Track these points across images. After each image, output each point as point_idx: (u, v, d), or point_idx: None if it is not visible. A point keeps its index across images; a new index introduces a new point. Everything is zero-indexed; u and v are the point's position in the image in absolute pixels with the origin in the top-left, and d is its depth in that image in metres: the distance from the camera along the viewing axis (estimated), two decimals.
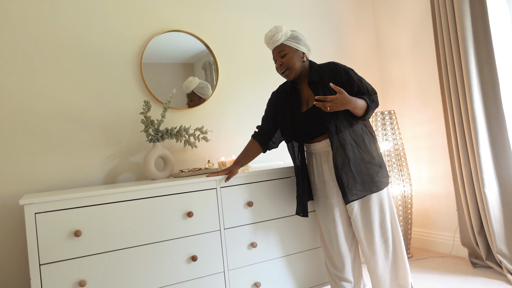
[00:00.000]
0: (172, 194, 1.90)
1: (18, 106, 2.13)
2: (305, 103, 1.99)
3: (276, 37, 1.91)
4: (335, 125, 1.87)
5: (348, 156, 1.86)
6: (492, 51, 2.45)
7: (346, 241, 2.01)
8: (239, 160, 2.09)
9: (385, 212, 1.94)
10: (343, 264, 2.01)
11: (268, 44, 1.97)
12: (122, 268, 1.77)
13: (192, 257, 1.90)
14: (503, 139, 2.47)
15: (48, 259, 1.64)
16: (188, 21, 2.62)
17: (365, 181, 1.88)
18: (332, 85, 1.77)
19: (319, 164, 1.99)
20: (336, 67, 1.93)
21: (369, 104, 1.85)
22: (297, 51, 1.94)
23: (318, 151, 1.98)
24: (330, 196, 1.98)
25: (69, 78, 2.26)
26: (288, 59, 1.92)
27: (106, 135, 2.33)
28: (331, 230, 2.01)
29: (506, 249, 2.45)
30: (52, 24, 2.23)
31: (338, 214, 1.98)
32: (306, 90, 1.99)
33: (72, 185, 2.22)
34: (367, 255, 1.96)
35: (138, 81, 2.44)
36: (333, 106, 1.76)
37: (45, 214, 1.65)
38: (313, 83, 1.94)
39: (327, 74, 1.93)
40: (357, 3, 3.37)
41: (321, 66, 1.98)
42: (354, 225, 1.96)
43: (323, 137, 1.94)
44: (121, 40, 2.41)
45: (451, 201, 2.93)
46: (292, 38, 1.94)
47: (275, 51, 1.96)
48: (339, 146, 1.87)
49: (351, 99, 1.79)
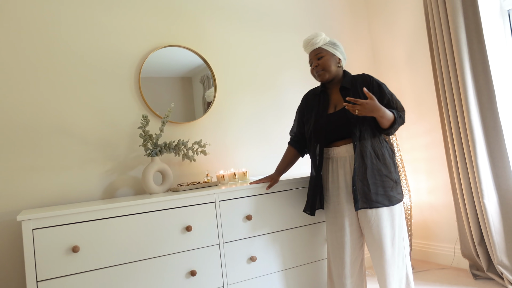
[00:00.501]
0: (170, 208, 1.89)
1: (16, 121, 2.14)
2: (332, 106, 2.03)
3: (315, 40, 2.00)
4: (359, 130, 1.90)
5: (365, 164, 1.88)
6: (487, 63, 2.48)
7: (352, 252, 1.97)
8: (279, 167, 2.19)
9: (395, 228, 1.91)
10: (346, 275, 1.98)
11: (307, 46, 2.05)
12: (121, 283, 1.75)
13: (191, 271, 1.88)
14: (501, 149, 2.48)
15: (46, 276, 1.62)
16: (186, 36, 2.65)
17: (378, 193, 1.88)
18: (365, 90, 1.78)
19: (335, 169, 1.99)
20: (370, 78, 1.99)
21: (396, 118, 1.87)
22: (334, 55, 2.02)
23: (336, 156, 1.98)
24: (342, 202, 1.96)
25: (67, 92, 2.27)
26: (325, 61, 1.99)
27: (104, 150, 2.33)
28: (338, 238, 1.98)
29: (507, 260, 2.44)
30: (51, 39, 2.25)
31: (348, 223, 1.96)
32: (336, 95, 2.03)
33: (70, 200, 2.21)
34: (377, 268, 1.93)
35: (136, 95, 2.45)
36: (362, 111, 1.77)
37: (43, 230, 1.63)
38: (345, 89, 1.99)
39: (360, 83, 1.98)
40: (352, 16, 3.41)
41: (355, 76, 2.04)
42: (366, 238, 1.95)
43: (344, 142, 1.96)
44: (120, 54, 2.43)
45: (451, 212, 2.93)
46: (330, 43, 2.02)
47: (313, 53, 2.04)
48: (359, 153, 1.89)
49: (381, 108, 1.81)
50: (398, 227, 1.92)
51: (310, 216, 2.22)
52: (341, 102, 1.98)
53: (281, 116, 2.94)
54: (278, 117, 2.94)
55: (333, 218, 2.01)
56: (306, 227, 2.22)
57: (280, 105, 2.96)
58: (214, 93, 2.69)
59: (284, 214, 2.16)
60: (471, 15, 2.53)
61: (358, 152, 1.89)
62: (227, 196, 2.02)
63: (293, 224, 2.18)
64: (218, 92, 2.71)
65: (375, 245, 1.91)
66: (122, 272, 1.75)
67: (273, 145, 2.88)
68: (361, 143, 1.89)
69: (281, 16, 3.04)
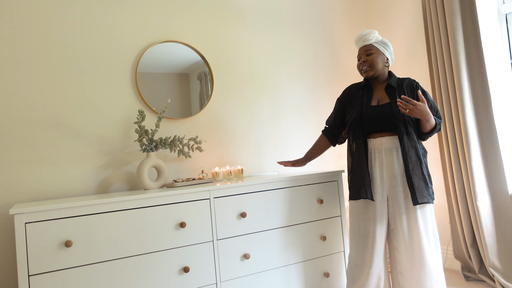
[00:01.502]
0: (165, 204, 1.89)
1: (9, 114, 2.12)
2: (376, 100, 2.07)
3: (368, 37, 2.06)
4: (405, 126, 1.95)
5: (419, 159, 1.94)
6: (483, 66, 2.49)
7: (378, 243, 1.99)
8: (308, 153, 2.32)
9: (428, 224, 1.96)
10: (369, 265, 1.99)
11: (358, 41, 2.10)
12: (114, 279, 1.74)
13: (184, 268, 1.88)
14: (495, 152, 2.50)
15: (38, 270, 1.61)
16: (184, 31, 2.64)
17: (428, 187, 1.95)
18: (420, 94, 1.85)
19: (373, 160, 2.01)
20: (416, 83, 2.06)
21: (437, 125, 1.95)
22: (383, 54, 2.08)
23: (379, 146, 2.01)
24: (376, 193, 1.99)
25: (62, 86, 2.25)
26: (373, 58, 2.05)
27: (99, 145, 2.31)
28: (366, 228, 2.00)
29: (498, 262, 2.46)
30: (46, 32, 2.23)
31: (379, 214, 1.99)
32: (380, 91, 2.08)
33: (64, 194, 2.20)
34: (411, 265, 1.95)
35: (133, 90, 2.44)
36: (413, 111, 1.83)
37: (36, 224, 1.62)
38: (391, 88, 2.04)
39: (407, 85, 2.05)
40: (350, 16, 3.41)
41: (401, 78, 2.11)
42: (400, 233, 1.96)
43: (388, 133, 2.00)
44: (116, 49, 2.41)
45: (444, 214, 2.94)
46: (382, 42, 2.08)
47: (363, 49, 2.09)
48: (410, 147, 1.94)
49: (429, 112, 1.88)
50: (431, 227, 1.97)
51: (304, 215, 2.23)
52: (385, 98, 2.04)
53: (278, 113, 2.94)
54: (275, 115, 2.93)
55: (363, 209, 2.03)
56: (300, 225, 2.22)
57: (277, 103, 2.95)
58: (211, 90, 2.68)
59: (278, 212, 2.16)
60: (469, 18, 2.53)
61: (408, 146, 1.94)
62: (221, 193, 2.02)
63: (287, 222, 2.18)
64: (215, 89, 2.70)
65: (410, 244, 1.94)
66: (115, 267, 1.75)
67: (270, 143, 2.88)
68: (409, 137, 1.95)
69: (279, 14, 3.04)
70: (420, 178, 1.93)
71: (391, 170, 1.97)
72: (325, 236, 2.27)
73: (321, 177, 2.31)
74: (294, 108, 3.02)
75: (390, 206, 1.99)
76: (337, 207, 2.35)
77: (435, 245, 1.97)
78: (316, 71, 3.16)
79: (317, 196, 2.29)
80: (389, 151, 1.98)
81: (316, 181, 2.30)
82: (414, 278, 1.94)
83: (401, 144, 1.94)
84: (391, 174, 1.97)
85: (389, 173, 1.97)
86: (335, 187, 2.36)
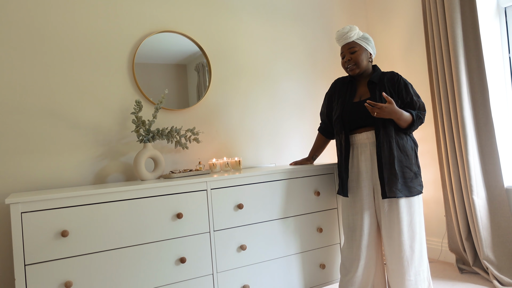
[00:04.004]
0: (162, 195, 1.88)
1: (5, 103, 2.10)
2: (358, 96, 2.10)
3: (349, 34, 2.05)
4: (383, 121, 1.96)
5: (393, 154, 1.94)
6: (482, 59, 2.49)
7: (368, 236, 2.02)
8: (311, 153, 2.42)
9: (413, 216, 1.96)
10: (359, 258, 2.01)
11: (340, 39, 2.09)
12: (110, 269, 1.74)
13: (181, 259, 1.89)
14: (491, 146, 2.51)
15: (34, 260, 1.61)
16: (181, 22, 2.61)
17: (401, 182, 1.94)
18: (384, 95, 1.89)
19: (355, 155, 2.06)
20: (398, 76, 2.06)
21: (414, 119, 1.96)
22: (366, 50, 2.08)
23: (358, 142, 2.05)
24: (361, 187, 2.03)
25: (59, 76, 2.23)
26: (357, 56, 2.05)
27: (96, 135, 2.30)
28: (355, 222, 2.04)
29: (492, 255, 2.48)
30: (42, 21, 2.21)
31: (367, 206, 2.02)
32: (363, 88, 2.10)
33: (60, 185, 2.19)
34: (388, 255, 1.98)
35: (130, 81, 2.42)
36: (380, 113, 1.89)
37: (32, 213, 1.62)
38: (373, 84, 2.05)
39: (388, 80, 2.05)
40: (350, 11, 3.39)
41: (384, 72, 2.11)
42: (380, 224, 2.01)
43: (366, 129, 2.03)
44: (114, 39, 2.39)
45: (440, 207, 2.96)
46: (363, 38, 2.07)
47: (346, 47, 2.08)
48: (385, 142, 1.95)
49: (398, 111, 1.90)
50: (416, 219, 1.96)
51: (301, 207, 2.23)
52: (367, 94, 2.06)
53: (276, 105, 2.93)
54: (273, 107, 2.93)
55: (351, 203, 2.07)
56: (297, 217, 2.23)
57: (275, 94, 2.95)
58: (208, 81, 2.67)
59: (275, 203, 2.17)
60: (468, 12, 2.53)
61: (383, 141, 1.95)
62: (219, 185, 2.02)
63: (284, 214, 2.19)
64: (213, 80, 2.69)
65: (390, 236, 1.96)
66: (111, 257, 1.75)
67: (267, 134, 2.88)
68: (386, 131, 1.96)
69: (278, 6, 3.01)
70: (392, 173, 1.93)
71: (375, 164, 2.00)
72: (322, 228, 2.28)
73: (318, 169, 2.32)
74: (292, 99, 3.01)
75: (375, 198, 2.02)
76: (334, 200, 2.36)
77: (419, 237, 1.97)
78: (314, 62, 3.15)
79: (314, 188, 2.29)
80: (372, 145, 2.01)
81: (313, 173, 2.30)
82: (395, 270, 1.98)
83: (377, 139, 1.97)
84: (375, 168, 2.00)
85: (374, 167, 2.01)
86: (332, 179, 2.36)
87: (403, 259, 1.95)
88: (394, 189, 1.92)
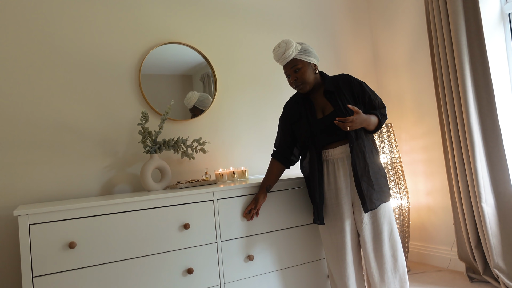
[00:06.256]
0: (168, 205, 1.89)
1: (14, 115, 2.13)
2: (319, 111, 1.99)
3: (287, 53, 1.89)
4: (355, 132, 1.90)
5: (367, 164, 1.88)
6: (487, 66, 2.48)
7: (353, 252, 1.98)
8: (263, 184, 2.06)
9: (392, 224, 1.96)
10: (349, 276, 1.98)
11: (279, 60, 1.94)
12: (117, 280, 1.74)
13: (188, 269, 1.88)
14: (499, 153, 2.49)
15: (42, 271, 1.62)
16: (187, 33, 2.64)
17: (377, 191, 1.90)
18: (350, 106, 1.81)
19: (331, 171, 1.97)
20: (351, 78, 1.99)
21: (380, 120, 1.94)
22: (309, 63, 1.95)
23: (333, 157, 1.96)
24: (342, 204, 1.94)
25: (66, 88, 2.26)
26: (303, 73, 1.92)
27: (103, 146, 2.32)
28: (339, 240, 1.96)
29: (503, 263, 2.44)
30: (51, 34, 2.24)
31: (348, 223, 1.95)
32: (320, 99, 2.00)
33: (68, 196, 2.20)
34: (373, 268, 1.94)
35: (136, 92, 2.44)
36: (353, 126, 1.80)
37: (40, 225, 1.63)
38: (329, 93, 1.96)
39: (343, 84, 1.97)
40: (354, 17, 3.41)
41: (334, 77, 2.02)
42: (363, 237, 1.94)
43: (340, 143, 1.95)
44: (120, 50, 2.42)
45: (448, 215, 2.93)
46: (303, 51, 1.92)
47: (288, 66, 1.94)
48: (359, 153, 1.89)
49: (366, 118, 1.87)
50: (392, 221, 1.98)
51: (307, 216, 2.22)
52: (328, 106, 1.96)
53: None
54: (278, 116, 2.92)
55: (332, 221, 1.99)
56: (304, 227, 2.21)
57: (280, 104, 2.93)
58: (214, 91, 2.68)
59: (282, 213, 2.16)
60: (472, 18, 2.53)
61: (357, 153, 1.89)
62: (225, 195, 2.02)
63: (291, 223, 2.17)
64: (218, 90, 2.70)
65: (374, 249, 1.93)
66: (118, 269, 1.75)
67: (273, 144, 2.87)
68: (359, 143, 1.91)
69: (282, 15, 3.04)
70: (369, 184, 1.88)
71: (352, 178, 1.93)
72: None
73: None
74: None
75: (354, 213, 1.96)
76: None
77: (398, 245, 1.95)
78: None
79: None
80: (348, 159, 1.93)
81: None
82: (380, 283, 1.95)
83: (352, 152, 1.88)
84: (353, 182, 1.92)
85: (352, 181, 1.93)
86: None
87: (387, 269, 1.93)
88: (374, 200, 1.87)
